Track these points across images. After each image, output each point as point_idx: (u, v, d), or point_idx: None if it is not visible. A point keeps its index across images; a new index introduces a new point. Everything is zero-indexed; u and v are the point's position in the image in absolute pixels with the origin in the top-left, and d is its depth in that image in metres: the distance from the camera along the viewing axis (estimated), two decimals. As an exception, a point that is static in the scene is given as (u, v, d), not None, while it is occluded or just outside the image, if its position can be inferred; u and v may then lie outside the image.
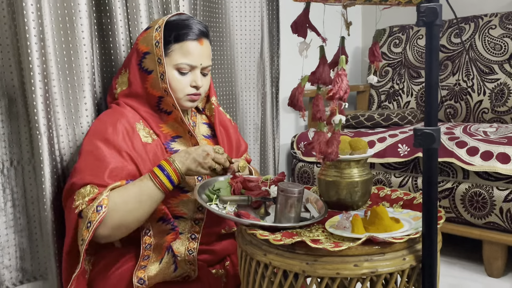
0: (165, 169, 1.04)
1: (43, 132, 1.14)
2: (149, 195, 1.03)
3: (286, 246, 0.79)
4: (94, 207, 0.99)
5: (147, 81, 1.14)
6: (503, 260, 1.54)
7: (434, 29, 0.70)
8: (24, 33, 1.10)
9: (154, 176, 1.03)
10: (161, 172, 1.04)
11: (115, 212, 1.00)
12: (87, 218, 0.99)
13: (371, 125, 1.94)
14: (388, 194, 1.04)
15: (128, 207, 1.01)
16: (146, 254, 1.06)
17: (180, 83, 1.14)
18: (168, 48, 1.13)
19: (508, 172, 1.44)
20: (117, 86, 1.20)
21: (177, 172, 1.04)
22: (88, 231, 0.98)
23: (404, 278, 0.79)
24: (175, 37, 1.13)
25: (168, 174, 1.03)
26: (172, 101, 1.13)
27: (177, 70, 1.13)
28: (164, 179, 1.03)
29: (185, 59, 1.13)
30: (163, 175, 1.03)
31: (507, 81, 1.99)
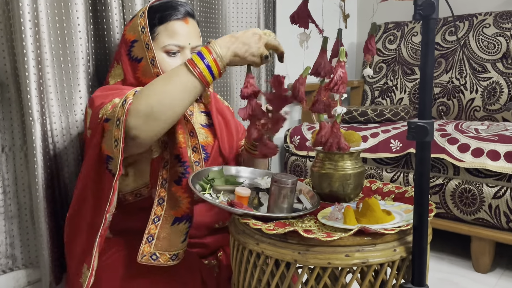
0: (204, 57, 0.90)
1: (36, 119, 1.13)
2: (182, 82, 0.89)
3: (278, 236, 0.79)
4: (120, 103, 0.90)
5: (138, 70, 1.12)
6: (490, 256, 1.57)
7: (431, 23, 0.71)
8: (18, 17, 1.09)
9: (192, 65, 0.89)
10: (200, 60, 0.89)
11: (140, 97, 0.88)
12: (115, 117, 0.89)
13: (364, 121, 1.96)
14: (380, 187, 1.05)
15: (156, 90, 0.89)
16: (156, 214, 0.99)
17: (170, 65, 1.10)
18: (154, 32, 1.11)
19: (498, 169, 1.46)
20: (110, 80, 1.17)
21: (218, 62, 0.90)
22: (119, 128, 0.88)
23: (394, 269, 0.80)
24: (159, 19, 1.10)
25: (208, 64, 0.89)
26: None
27: (166, 52, 1.10)
28: (204, 70, 0.89)
29: (171, 39, 1.10)
30: (203, 64, 0.89)
31: (500, 80, 2.01)
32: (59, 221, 1.23)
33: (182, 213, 0.99)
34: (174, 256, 1.00)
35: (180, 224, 0.99)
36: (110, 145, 0.92)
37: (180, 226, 0.99)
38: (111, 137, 0.90)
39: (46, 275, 1.19)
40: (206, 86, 0.91)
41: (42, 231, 1.16)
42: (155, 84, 0.90)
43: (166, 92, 0.89)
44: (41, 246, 1.18)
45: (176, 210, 0.99)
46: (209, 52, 0.90)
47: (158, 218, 0.99)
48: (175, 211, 0.99)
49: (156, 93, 0.89)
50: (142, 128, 0.88)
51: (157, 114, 0.88)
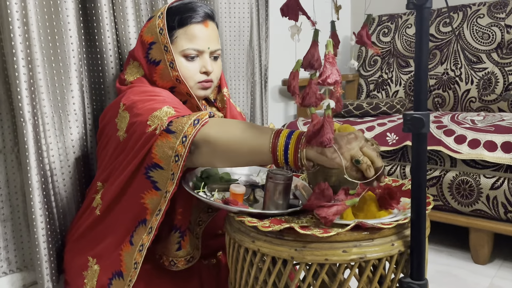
0: (291, 137, 0.81)
1: (27, 120, 1.11)
2: (256, 138, 0.83)
3: (274, 233, 0.78)
4: (190, 120, 0.87)
5: (156, 73, 1.09)
6: (489, 247, 1.56)
7: (425, 12, 0.70)
8: (7, 16, 1.07)
9: (276, 135, 0.82)
10: (285, 136, 0.81)
11: (216, 128, 0.86)
12: (182, 132, 0.86)
13: (360, 114, 1.94)
14: (376, 181, 1.04)
15: (230, 130, 0.85)
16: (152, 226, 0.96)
17: (188, 70, 1.08)
18: (173, 35, 1.08)
19: (495, 160, 1.46)
20: (127, 77, 1.13)
21: (298, 154, 0.80)
22: (184, 146, 0.85)
23: (393, 264, 0.79)
24: (179, 22, 1.07)
25: (288, 143, 0.80)
26: (186, 89, 1.08)
27: (184, 57, 1.08)
28: (280, 148, 0.81)
29: (191, 44, 1.07)
30: (284, 140, 0.81)
31: (495, 70, 2.00)
32: (54, 222, 1.21)
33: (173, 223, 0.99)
34: (173, 262, 1.01)
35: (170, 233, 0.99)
36: (165, 157, 0.88)
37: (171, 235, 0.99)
38: (172, 150, 0.87)
39: (42, 278, 1.18)
40: (275, 164, 0.83)
41: (38, 233, 1.15)
42: (236, 127, 0.87)
43: (237, 142, 0.85)
44: (36, 248, 1.16)
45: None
46: (299, 136, 0.81)
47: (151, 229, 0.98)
48: None
49: (230, 135, 0.85)
50: (199, 151, 0.87)
51: (217, 152, 0.86)
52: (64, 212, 1.26)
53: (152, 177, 0.92)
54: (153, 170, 0.91)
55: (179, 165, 0.87)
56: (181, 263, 1.02)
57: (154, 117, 0.92)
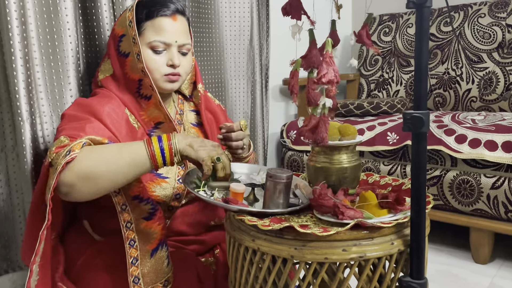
0: (162, 140, 0.92)
1: (25, 119, 1.11)
2: (132, 155, 0.90)
3: (274, 232, 0.78)
4: (64, 151, 0.88)
5: (126, 65, 1.10)
6: (489, 247, 1.56)
7: (425, 11, 0.70)
8: (5, 15, 1.07)
9: (148, 143, 0.91)
10: (157, 141, 0.91)
11: (85, 158, 0.87)
12: (56, 164, 0.87)
13: (361, 114, 1.94)
14: (377, 180, 1.04)
15: (103, 156, 0.89)
16: (128, 237, 0.97)
17: (155, 62, 1.09)
18: (141, 27, 1.09)
19: (495, 159, 1.45)
20: (100, 74, 1.15)
21: (172, 148, 0.91)
22: (53, 177, 0.85)
23: (392, 263, 0.79)
24: (147, 14, 1.09)
25: (162, 147, 0.91)
26: (150, 82, 1.08)
27: (151, 49, 1.08)
28: (156, 149, 0.90)
29: (157, 36, 1.08)
30: (158, 145, 0.91)
31: (496, 70, 2.00)
32: (53, 222, 1.21)
33: (157, 243, 0.98)
34: (166, 282, 1.00)
35: (159, 252, 0.99)
36: (47, 187, 0.89)
37: (161, 254, 0.99)
38: (49, 183, 0.87)
39: (41, 277, 1.18)
40: (155, 167, 0.91)
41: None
42: (105, 151, 0.90)
43: (113, 163, 0.88)
44: (36, 247, 1.16)
45: (151, 244, 0.98)
46: (168, 138, 0.92)
47: (136, 259, 0.97)
48: (150, 244, 0.98)
49: (103, 159, 0.88)
50: (73, 185, 0.87)
51: (94, 178, 0.87)
52: (64, 211, 1.26)
53: None
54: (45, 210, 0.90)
55: (47, 197, 0.87)
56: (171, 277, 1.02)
57: (51, 146, 0.93)
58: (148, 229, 0.98)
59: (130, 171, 0.90)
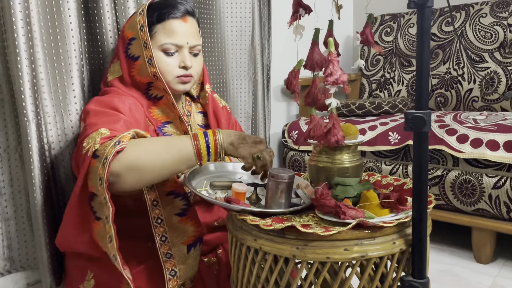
0: (208, 135, 0.92)
1: (31, 119, 1.12)
2: (179, 150, 0.90)
3: (276, 231, 0.78)
4: (112, 142, 0.87)
5: (133, 69, 1.11)
6: (491, 246, 1.56)
7: (426, 11, 0.70)
8: (10, 17, 1.07)
9: (195, 138, 0.91)
10: (203, 137, 0.91)
11: (134, 149, 0.87)
12: (104, 154, 0.85)
13: (362, 114, 1.94)
14: (378, 180, 1.04)
15: (151, 149, 0.89)
16: (159, 233, 0.97)
17: (167, 64, 1.10)
18: (152, 30, 1.10)
19: (497, 159, 1.45)
20: (109, 75, 1.16)
21: (218, 146, 0.91)
22: (104, 167, 0.84)
23: (394, 262, 0.79)
24: (157, 17, 1.09)
25: (208, 143, 0.91)
26: (163, 85, 1.09)
27: (163, 51, 1.10)
28: (202, 145, 0.90)
29: (169, 38, 1.09)
30: (204, 142, 0.91)
31: (497, 70, 2.00)
32: (57, 221, 1.22)
33: (193, 239, 0.98)
34: (193, 277, 1.02)
35: (195, 248, 0.99)
36: (95, 183, 0.87)
37: (196, 250, 0.99)
38: (96, 175, 0.86)
39: (45, 277, 1.18)
40: (199, 162, 0.91)
41: (40, 232, 1.15)
42: (153, 144, 0.90)
43: (160, 156, 0.89)
44: (39, 247, 1.17)
45: (185, 239, 0.98)
46: (214, 134, 0.92)
47: (170, 254, 0.98)
48: (185, 240, 0.98)
49: (150, 152, 0.88)
50: (122, 177, 0.87)
51: (140, 169, 0.87)
52: (67, 211, 1.26)
53: (93, 207, 0.92)
54: (93, 200, 0.91)
55: (103, 188, 0.85)
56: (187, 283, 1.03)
57: (90, 138, 0.92)
58: (183, 226, 0.98)
59: (175, 165, 0.90)
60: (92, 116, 0.99)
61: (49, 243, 1.17)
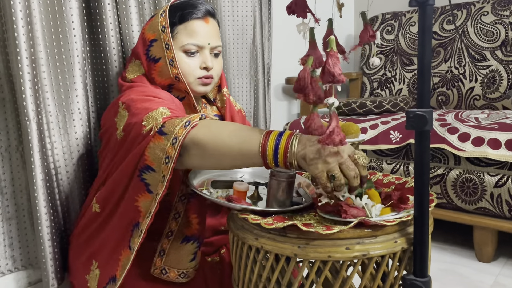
0: (281, 138, 0.79)
1: (32, 118, 1.12)
2: (245, 142, 0.81)
3: (277, 230, 0.78)
4: (182, 122, 0.86)
5: (154, 70, 1.11)
6: (493, 245, 1.56)
7: (427, 9, 0.70)
8: (10, 16, 1.07)
9: (266, 135, 0.81)
10: (275, 137, 0.80)
11: (204, 129, 0.85)
12: (173, 133, 0.85)
13: (363, 112, 1.94)
14: (380, 178, 1.04)
15: (219, 132, 0.84)
16: (171, 228, 0.98)
17: (188, 66, 1.09)
18: (173, 31, 1.09)
19: (499, 157, 1.45)
20: (128, 75, 1.15)
21: (288, 152, 0.78)
22: (175, 147, 0.84)
23: (396, 261, 0.79)
24: (179, 18, 1.09)
25: (277, 148, 0.78)
26: (185, 87, 1.09)
27: (184, 52, 1.09)
28: (270, 147, 0.79)
29: (191, 39, 1.09)
30: (273, 145, 0.79)
31: (499, 68, 1.99)
32: (58, 220, 1.22)
33: (192, 233, 0.99)
34: (183, 274, 1.01)
35: (188, 243, 0.99)
36: (157, 158, 0.87)
37: (188, 246, 0.99)
38: (163, 151, 0.86)
39: (47, 276, 1.19)
40: (265, 166, 0.82)
41: (42, 231, 1.15)
42: (225, 128, 0.86)
43: (227, 145, 0.83)
44: (41, 246, 1.17)
45: (187, 229, 0.99)
46: (288, 138, 0.79)
47: (171, 233, 0.99)
48: (187, 229, 0.99)
49: (219, 138, 0.84)
50: (188, 152, 0.86)
51: (206, 155, 0.85)
52: (68, 210, 1.26)
53: (146, 179, 0.91)
54: (146, 173, 0.91)
55: (169, 167, 0.85)
56: (191, 274, 1.02)
57: (150, 117, 0.91)
58: (188, 215, 0.99)
59: (240, 157, 0.83)
60: (139, 102, 0.98)
61: (51, 241, 1.17)
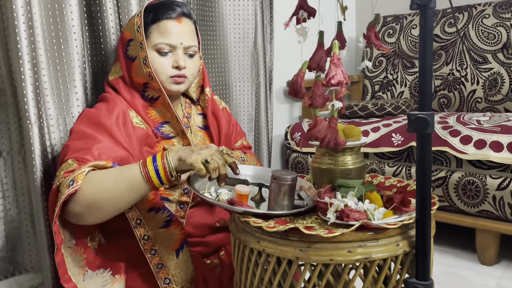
0: (156, 160, 0.91)
1: (33, 122, 1.12)
2: (130, 180, 0.91)
3: (279, 233, 0.78)
4: (68, 181, 0.91)
5: (132, 69, 1.13)
6: (495, 248, 1.55)
7: (428, 12, 0.70)
8: (12, 20, 1.08)
9: (143, 165, 0.91)
10: (151, 163, 0.91)
11: (87, 189, 0.90)
12: (61, 192, 0.91)
13: (365, 115, 1.94)
14: (381, 181, 1.04)
15: (103, 185, 0.91)
16: (148, 248, 1.00)
17: (161, 64, 1.11)
18: (147, 30, 1.12)
19: (501, 160, 1.45)
20: (110, 76, 1.18)
21: (166, 168, 0.90)
22: (57, 206, 0.90)
23: (398, 264, 0.78)
24: (152, 18, 1.11)
25: (157, 167, 0.90)
26: (158, 85, 1.11)
27: (157, 51, 1.11)
28: (151, 171, 0.90)
29: (163, 38, 1.10)
30: (152, 167, 0.90)
31: (501, 71, 1.99)
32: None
33: (179, 243, 1.01)
34: (192, 280, 1.03)
35: (183, 251, 1.00)
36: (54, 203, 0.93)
37: (185, 252, 1.01)
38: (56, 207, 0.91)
39: (48, 279, 1.18)
40: (153, 188, 0.91)
41: (43, 234, 1.15)
42: (105, 179, 0.92)
43: (113, 188, 0.90)
44: (42, 249, 1.17)
45: (172, 246, 1.00)
46: (162, 157, 0.91)
47: (162, 265, 1.00)
48: (172, 247, 1.00)
49: (103, 188, 0.90)
50: (80, 214, 0.92)
51: (98, 205, 0.91)
52: (70, 214, 1.27)
53: None
54: None
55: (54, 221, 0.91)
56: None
57: (61, 169, 0.96)
58: (167, 234, 1.01)
59: (130, 196, 0.92)
60: (72, 137, 1.04)
61: (52, 245, 1.17)
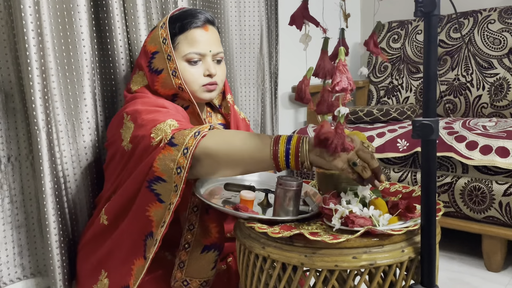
0: (290, 142, 0.84)
1: (41, 128, 1.13)
2: (256, 148, 0.85)
3: (284, 239, 0.78)
4: (192, 133, 0.89)
5: (157, 82, 1.12)
6: (502, 254, 1.54)
7: (433, 19, 0.70)
8: (22, 27, 1.09)
9: (276, 142, 0.85)
10: (285, 141, 0.84)
11: (214, 138, 0.88)
12: (184, 144, 0.88)
13: (370, 121, 1.94)
14: (386, 187, 1.04)
15: (230, 140, 0.88)
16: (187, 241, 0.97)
17: (192, 74, 1.11)
18: (175, 41, 1.11)
19: (507, 166, 1.44)
20: (132, 86, 1.17)
21: (299, 155, 0.83)
22: (186, 157, 0.87)
23: (403, 270, 0.78)
24: (179, 28, 1.11)
25: (288, 149, 0.83)
26: (188, 96, 1.11)
27: (187, 61, 1.11)
28: (281, 152, 0.84)
29: (192, 48, 1.11)
30: (284, 146, 0.84)
31: (506, 76, 1.99)
32: (67, 228, 1.23)
33: (211, 242, 0.99)
34: (204, 282, 1.01)
35: (209, 252, 0.99)
36: (167, 169, 0.90)
37: (209, 255, 0.99)
38: (173, 162, 0.89)
39: (55, 284, 1.19)
40: (277, 169, 0.87)
41: (51, 239, 1.16)
42: (234, 136, 0.91)
43: (238, 152, 0.88)
44: (49, 254, 1.18)
45: (206, 238, 0.99)
46: (297, 141, 0.85)
47: (189, 244, 0.99)
48: (205, 238, 0.99)
49: (230, 146, 0.88)
50: (200, 162, 0.89)
51: (218, 163, 0.89)
52: (76, 219, 1.28)
53: (156, 190, 0.93)
54: (156, 183, 0.93)
55: (182, 177, 0.88)
56: (211, 280, 1.02)
57: (158, 129, 0.94)
58: (206, 224, 0.99)
59: (251, 164, 0.88)
60: (145, 113, 1.01)
61: (59, 250, 1.18)
